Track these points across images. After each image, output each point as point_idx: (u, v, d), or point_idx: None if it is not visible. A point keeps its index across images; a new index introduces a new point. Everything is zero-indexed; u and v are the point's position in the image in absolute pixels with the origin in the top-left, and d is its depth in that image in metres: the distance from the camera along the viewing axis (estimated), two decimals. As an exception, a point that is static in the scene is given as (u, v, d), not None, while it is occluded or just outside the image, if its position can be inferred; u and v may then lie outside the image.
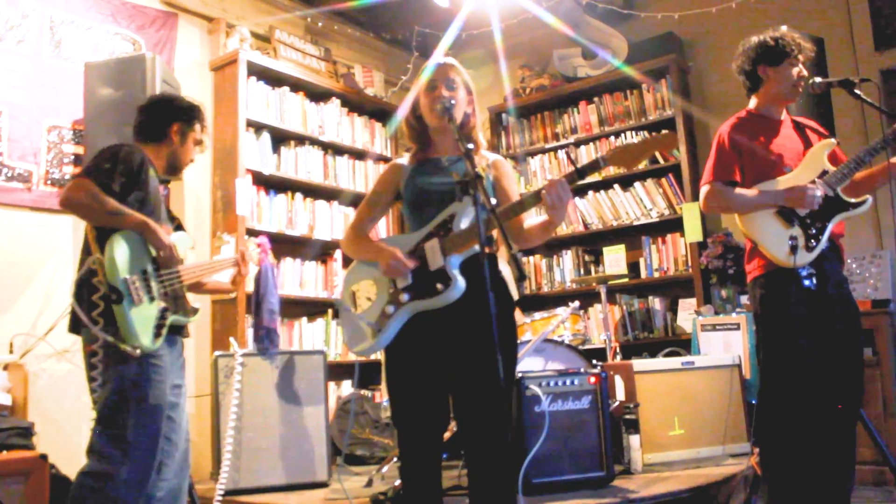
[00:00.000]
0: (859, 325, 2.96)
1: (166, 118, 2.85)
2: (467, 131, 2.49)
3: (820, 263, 2.86)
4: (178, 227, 2.96)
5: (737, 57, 3.12)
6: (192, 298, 2.94)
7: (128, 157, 2.62)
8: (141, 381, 2.51)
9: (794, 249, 2.80)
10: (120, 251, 2.48)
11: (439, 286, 2.27)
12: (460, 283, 2.26)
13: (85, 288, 2.52)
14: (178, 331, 2.78)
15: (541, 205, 2.24)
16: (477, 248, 2.28)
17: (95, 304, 2.47)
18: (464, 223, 2.30)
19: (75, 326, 2.62)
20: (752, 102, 3.13)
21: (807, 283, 2.81)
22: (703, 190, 3.03)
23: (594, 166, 2.26)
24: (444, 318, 2.29)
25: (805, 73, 3.03)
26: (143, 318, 2.50)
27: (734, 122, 3.07)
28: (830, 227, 2.89)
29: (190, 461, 2.81)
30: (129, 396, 2.48)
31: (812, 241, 2.86)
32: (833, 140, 3.03)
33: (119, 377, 2.48)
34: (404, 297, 2.33)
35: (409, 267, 2.31)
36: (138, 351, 2.46)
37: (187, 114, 2.88)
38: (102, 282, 2.46)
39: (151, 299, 2.56)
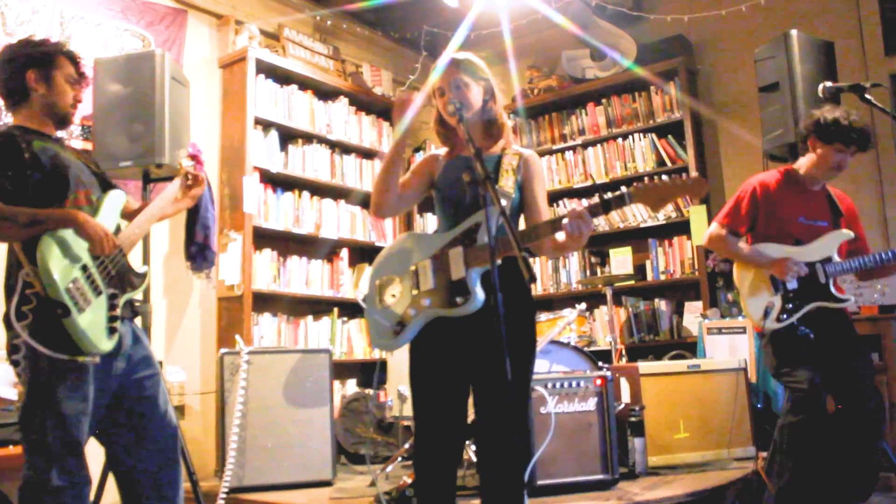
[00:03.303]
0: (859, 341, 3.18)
1: (19, 72, 2.48)
2: (491, 124, 2.47)
3: (819, 322, 3.04)
4: (109, 184, 2.67)
5: (805, 118, 3.26)
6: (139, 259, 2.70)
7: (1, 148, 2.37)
8: (55, 384, 2.28)
9: (766, 315, 3.06)
10: (52, 258, 2.27)
11: (459, 300, 2.28)
12: (479, 298, 2.26)
13: (19, 303, 2.30)
14: (127, 312, 2.54)
15: (559, 232, 2.25)
16: (499, 262, 2.26)
17: (24, 314, 2.27)
18: (486, 236, 2.30)
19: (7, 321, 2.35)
20: (799, 163, 3.24)
21: (801, 333, 3.02)
22: (713, 228, 3.27)
23: (619, 201, 2.21)
24: (465, 322, 2.30)
25: (846, 165, 3.10)
26: (93, 320, 2.31)
27: (773, 181, 3.19)
28: (805, 310, 3.06)
29: (179, 452, 2.64)
30: (42, 399, 2.27)
31: (784, 314, 3.06)
32: (850, 233, 3.16)
33: (32, 380, 2.28)
34: (425, 302, 2.34)
35: None
36: (97, 359, 2.31)
37: (40, 54, 2.50)
38: (40, 294, 2.26)
39: (98, 293, 2.37)
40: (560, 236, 2.25)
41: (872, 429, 3.01)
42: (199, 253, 3.38)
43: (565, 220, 2.20)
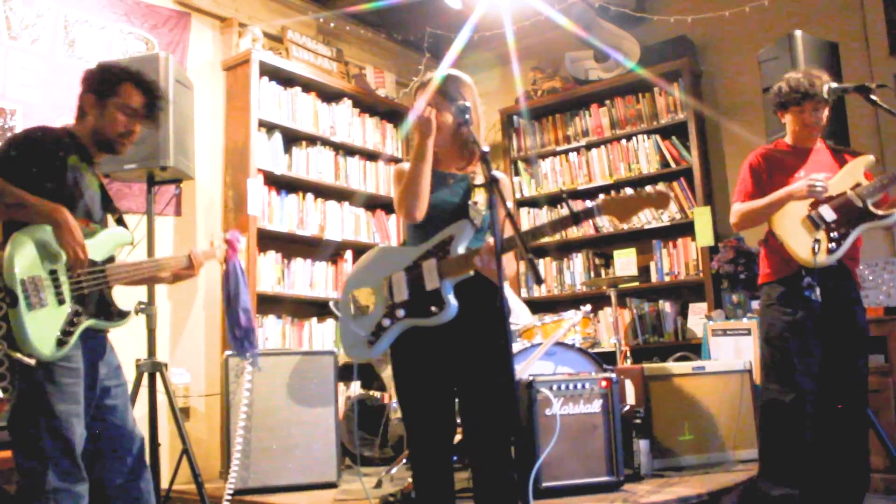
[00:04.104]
0: (863, 334, 3.12)
1: (82, 91, 2.58)
2: (464, 146, 2.49)
3: (824, 280, 2.98)
4: (119, 220, 2.71)
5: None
6: (130, 296, 2.71)
7: (38, 144, 2.41)
8: (46, 387, 2.28)
9: (815, 252, 2.95)
10: (22, 248, 2.28)
11: (433, 308, 2.31)
12: (453, 307, 2.30)
13: None
14: (99, 329, 2.53)
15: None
16: (472, 273, 2.32)
17: None
18: (461, 248, 2.33)
19: None
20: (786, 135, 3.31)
21: (807, 292, 2.97)
22: (733, 210, 3.24)
23: (588, 214, 2.29)
24: (444, 330, 2.33)
25: (815, 118, 3.14)
26: (43, 323, 2.27)
27: (762, 150, 3.26)
28: (854, 234, 3.03)
29: (147, 466, 2.62)
30: (35, 405, 2.27)
31: (833, 244, 3.00)
32: (871, 157, 3.16)
33: (23, 383, 2.27)
34: (400, 312, 2.37)
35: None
36: (33, 360, 2.24)
37: (101, 81, 2.56)
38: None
39: (60, 302, 2.34)
40: (478, 262, 2.27)
41: (855, 423, 3.06)
42: (245, 337, 3.36)
43: (476, 258, 2.26)
